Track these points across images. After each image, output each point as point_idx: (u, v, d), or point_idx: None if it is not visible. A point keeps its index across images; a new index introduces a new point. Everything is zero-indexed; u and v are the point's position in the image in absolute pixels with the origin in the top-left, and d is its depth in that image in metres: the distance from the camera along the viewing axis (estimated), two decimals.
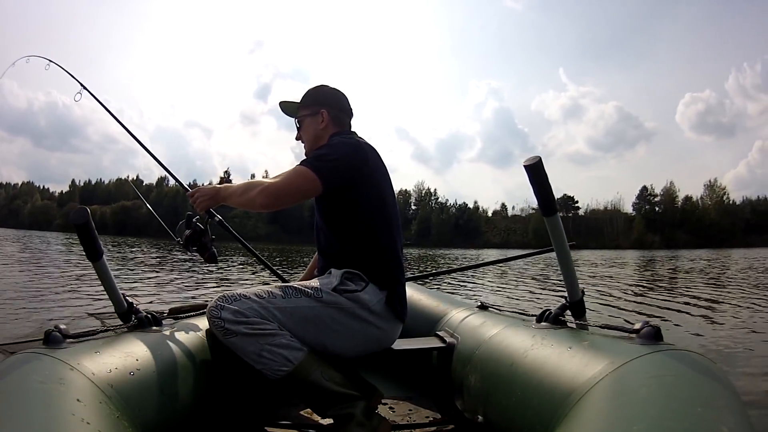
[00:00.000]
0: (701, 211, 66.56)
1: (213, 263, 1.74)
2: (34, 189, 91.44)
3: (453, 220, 72.63)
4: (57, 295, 5.40)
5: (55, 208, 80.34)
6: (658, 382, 0.80)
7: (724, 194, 68.58)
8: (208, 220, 1.73)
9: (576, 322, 1.27)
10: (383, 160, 1.60)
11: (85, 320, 3.98)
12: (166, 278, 8.17)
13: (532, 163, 1.11)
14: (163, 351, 1.21)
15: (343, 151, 1.49)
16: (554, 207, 1.15)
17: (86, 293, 5.53)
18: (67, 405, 0.82)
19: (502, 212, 78.66)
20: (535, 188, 1.13)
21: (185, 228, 1.67)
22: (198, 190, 1.56)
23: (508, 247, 55.98)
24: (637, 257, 25.74)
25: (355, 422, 1.28)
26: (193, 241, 1.67)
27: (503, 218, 76.88)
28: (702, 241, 57.42)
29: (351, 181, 1.47)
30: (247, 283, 8.09)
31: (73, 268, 9.10)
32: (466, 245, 58.11)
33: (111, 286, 1.33)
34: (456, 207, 75.55)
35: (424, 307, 2.01)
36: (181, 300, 5.42)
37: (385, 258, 1.50)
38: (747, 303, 6.48)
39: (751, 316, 5.33)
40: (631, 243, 59.59)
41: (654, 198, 70.33)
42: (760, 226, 60.04)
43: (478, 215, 75.21)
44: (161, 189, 72.06)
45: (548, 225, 1.17)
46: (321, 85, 1.70)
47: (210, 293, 6.32)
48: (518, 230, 70.45)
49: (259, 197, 1.43)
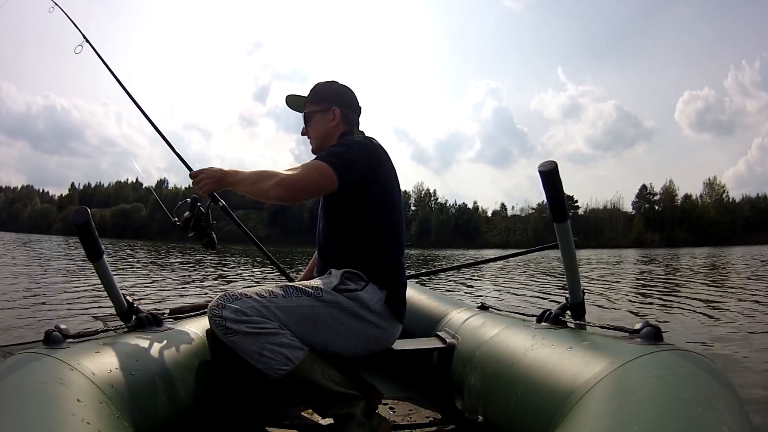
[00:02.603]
0: (701, 210, 66.65)
1: (211, 249, 1.67)
2: (34, 192, 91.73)
3: (452, 220, 72.82)
4: (57, 295, 5.40)
5: (54, 211, 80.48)
6: (658, 382, 0.80)
7: (723, 192, 68.79)
8: (210, 204, 1.65)
9: (576, 322, 1.28)
10: (392, 162, 1.60)
11: (85, 320, 3.98)
12: (166, 278, 8.18)
13: (548, 169, 1.09)
14: (163, 351, 1.21)
15: (360, 150, 1.49)
16: (566, 214, 1.15)
17: (86, 293, 5.53)
18: (67, 405, 0.82)
19: (501, 212, 78.90)
20: (548, 193, 1.12)
21: (185, 210, 1.58)
22: (202, 171, 1.51)
23: (508, 247, 55.93)
24: (636, 256, 25.75)
25: (356, 422, 1.28)
26: (193, 224, 1.58)
27: (503, 218, 77.08)
28: (702, 239, 57.55)
29: (365, 181, 1.47)
30: (249, 282, 8.10)
31: (74, 268, 9.11)
32: (466, 246, 58.29)
33: (111, 286, 1.33)
34: (455, 207, 75.81)
35: (425, 308, 2.01)
36: (182, 300, 5.42)
37: (386, 258, 1.50)
38: (747, 302, 6.48)
39: (751, 316, 5.33)
40: (630, 242, 59.79)
41: (653, 197, 70.57)
42: (759, 224, 60.18)
43: (477, 215, 75.36)
44: (160, 191, 72.47)
45: (558, 230, 1.16)
46: (331, 81, 1.68)
47: (210, 293, 6.33)
48: (518, 230, 70.59)
49: (274, 189, 1.40)
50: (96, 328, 1.26)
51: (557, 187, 1.11)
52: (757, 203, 66.84)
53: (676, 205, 68.21)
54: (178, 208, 1.62)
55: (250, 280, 8.74)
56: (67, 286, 6.36)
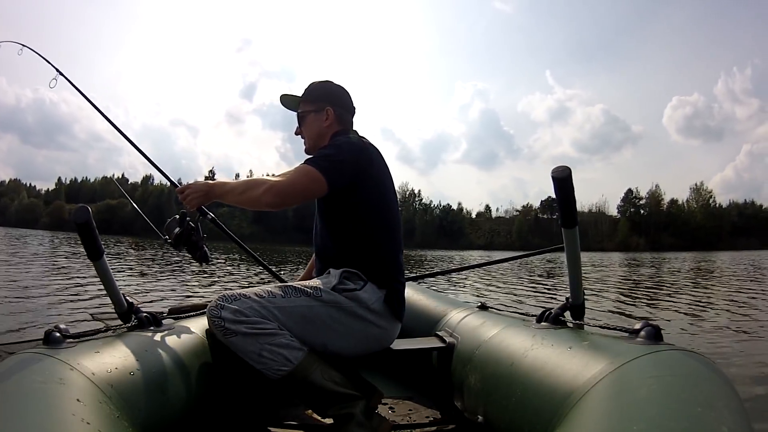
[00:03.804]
0: (687, 214, 67.16)
1: (204, 263, 1.67)
2: (21, 186, 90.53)
3: (437, 221, 73.21)
4: (57, 296, 5.40)
5: (41, 205, 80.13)
6: (658, 382, 0.80)
7: (710, 197, 69.28)
8: (199, 218, 1.66)
9: (576, 322, 1.28)
10: (386, 161, 1.60)
11: (85, 320, 3.98)
12: (165, 278, 8.17)
13: (562, 175, 1.08)
14: (163, 351, 1.21)
15: (350, 151, 1.49)
16: (576, 220, 1.15)
17: (86, 293, 5.53)
18: (67, 405, 0.82)
19: (486, 214, 79.54)
20: (559, 199, 1.12)
21: (175, 226, 1.58)
22: (189, 186, 1.51)
23: (493, 249, 56.46)
24: (621, 259, 25.76)
25: (355, 422, 1.28)
26: (184, 240, 1.58)
27: (487, 220, 77.69)
28: (688, 244, 57.96)
29: (356, 182, 1.47)
30: (246, 283, 8.10)
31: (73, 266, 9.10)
32: (450, 247, 58.44)
33: (111, 285, 1.33)
34: (440, 208, 76.33)
35: (424, 308, 2.02)
36: (181, 300, 5.42)
37: (384, 258, 1.50)
38: (744, 303, 6.48)
39: (751, 315, 5.33)
40: (615, 245, 60.32)
41: (639, 201, 71.23)
42: (746, 229, 60.66)
43: (462, 217, 75.91)
44: (146, 187, 72.35)
45: (566, 236, 1.17)
46: (326, 80, 1.68)
47: (210, 293, 6.32)
48: (502, 232, 71.11)
49: (265, 196, 1.40)
50: (96, 328, 1.26)
51: (569, 193, 1.11)
52: (745, 209, 67.30)
53: (662, 210, 68.78)
54: (168, 225, 1.61)
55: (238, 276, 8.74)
56: (67, 285, 6.35)
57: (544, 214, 73.21)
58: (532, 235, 67.07)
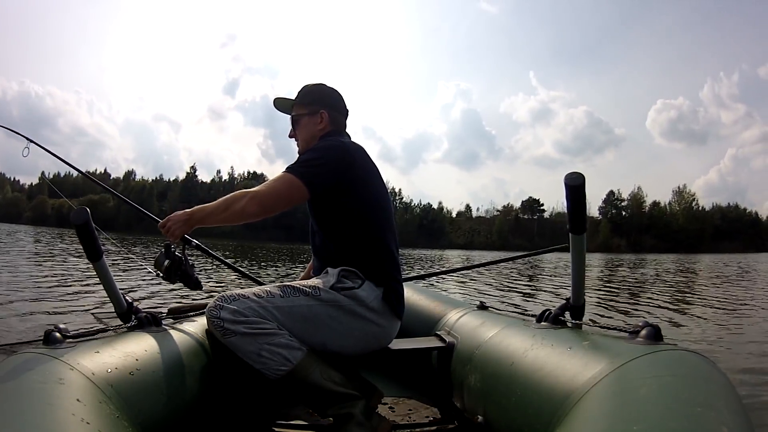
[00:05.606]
0: (669, 217, 67.17)
1: (198, 290, 1.68)
2: (5, 180, 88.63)
3: (417, 220, 73.33)
4: (57, 295, 5.40)
5: (24, 200, 79.60)
6: (658, 382, 0.80)
7: (693, 200, 69.52)
8: (184, 248, 1.66)
9: (576, 322, 1.28)
10: (372, 160, 1.60)
11: (85, 320, 3.98)
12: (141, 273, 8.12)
13: (576, 183, 1.09)
14: (162, 351, 1.21)
15: (330, 154, 1.49)
16: (585, 226, 1.16)
17: (86, 293, 5.53)
18: (67, 405, 0.82)
19: (466, 213, 79.75)
20: (570, 206, 1.12)
21: (164, 259, 1.58)
22: (169, 220, 1.48)
23: (473, 249, 56.47)
24: (603, 260, 25.77)
25: (355, 422, 1.28)
26: (174, 271, 1.59)
27: (467, 219, 77.89)
28: (669, 246, 58.16)
29: (339, 184, 1.47)
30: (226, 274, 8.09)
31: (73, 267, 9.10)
32: (431, 246, 58.52)
33: (111, 285, 1.33)
34: (420, 207, 76.55)
35: (424, 307, 2.02)
36: (181, 300, 5.42)
37: (380, 255, 1.51)
38: (742, 304, 6.49)
39: (751, 315, 5.33)
40: (596, 246, 60.50)
41: (621, 202, 71.42)
42: (729, 233, 60.90)
43: (442, 216, 76.09)
44: (128, 183, 72.99)
45: (573, 241, 1.17)
46: (320, 83, 1.69)
47: (209, 293, 6.32)
48: (482, 231, 71.29)
49: (249, 207, 1.40)
50: (96, 328, 1.26)
51: (581, 201, 1.12)
52: (728, 212, 67.52)
53: (644, 212, 68.92)
54: (157, 261, 1.61)
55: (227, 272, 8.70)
56: (67, 285, 6.35)
57: (525, 214, 73.62)
58: (512, 236, 67.26)
